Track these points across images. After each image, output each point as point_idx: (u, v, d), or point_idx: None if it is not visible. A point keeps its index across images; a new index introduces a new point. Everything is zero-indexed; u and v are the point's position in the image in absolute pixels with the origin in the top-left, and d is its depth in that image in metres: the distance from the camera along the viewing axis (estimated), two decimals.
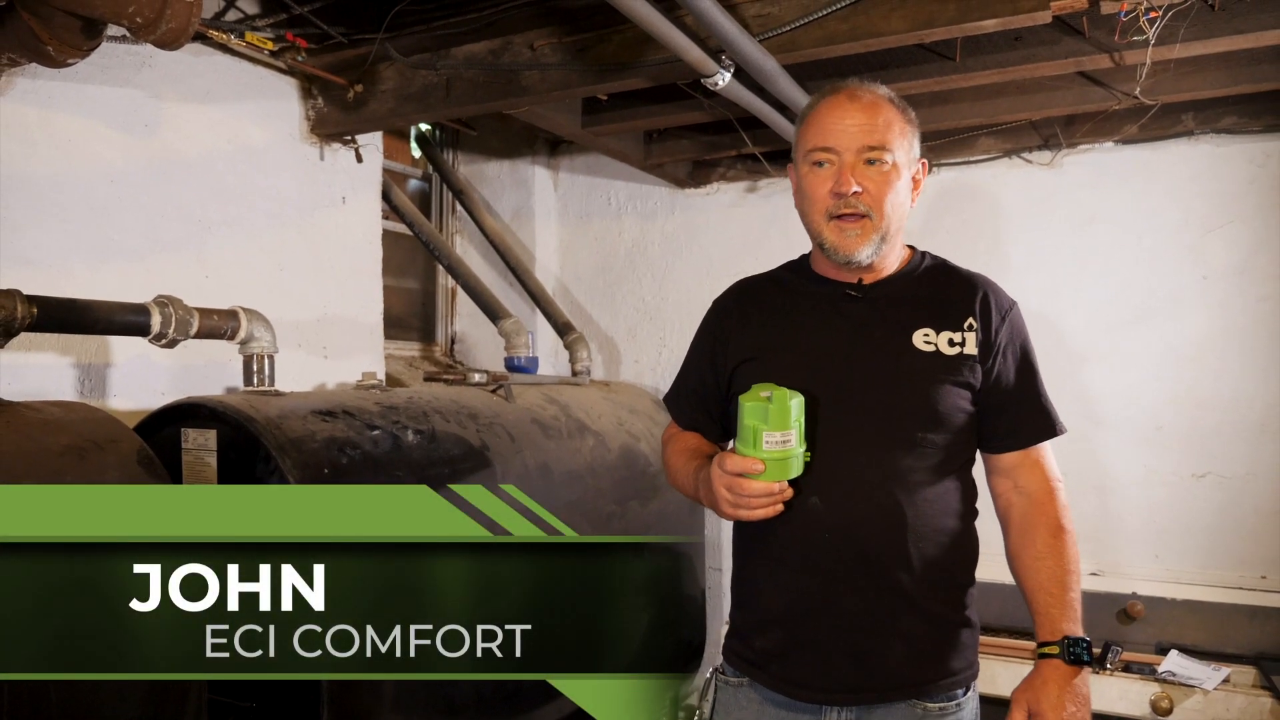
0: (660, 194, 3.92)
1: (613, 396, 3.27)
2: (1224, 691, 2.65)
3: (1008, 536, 1.58)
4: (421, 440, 2.20)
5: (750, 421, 1.37)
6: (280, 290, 2.80)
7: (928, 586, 1.49)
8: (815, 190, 1.52)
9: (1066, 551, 1.50)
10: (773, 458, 1.36)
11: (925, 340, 1.51)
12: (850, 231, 1.49)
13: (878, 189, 1.48)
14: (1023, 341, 1.57)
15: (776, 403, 1.36)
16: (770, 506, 1.41)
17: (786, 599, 1.53)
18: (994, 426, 1.55)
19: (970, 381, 1.51)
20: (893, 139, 1.49)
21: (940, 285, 1.58)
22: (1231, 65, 2.60)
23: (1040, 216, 3.28)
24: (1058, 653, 1.45)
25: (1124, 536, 3.16)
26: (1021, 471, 1.56)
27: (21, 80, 2.15)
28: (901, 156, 1.50)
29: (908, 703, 1.49)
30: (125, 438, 1.61)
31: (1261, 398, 3.00)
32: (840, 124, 1.49)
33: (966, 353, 1.51)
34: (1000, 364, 1.53)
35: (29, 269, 2.16)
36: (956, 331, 1.52)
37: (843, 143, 1.48)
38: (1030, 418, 1.56)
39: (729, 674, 1.63)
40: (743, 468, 1.38)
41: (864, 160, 1.48)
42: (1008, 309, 1.57)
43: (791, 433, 1.37)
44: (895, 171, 1.50)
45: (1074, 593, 1.48)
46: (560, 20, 2.48)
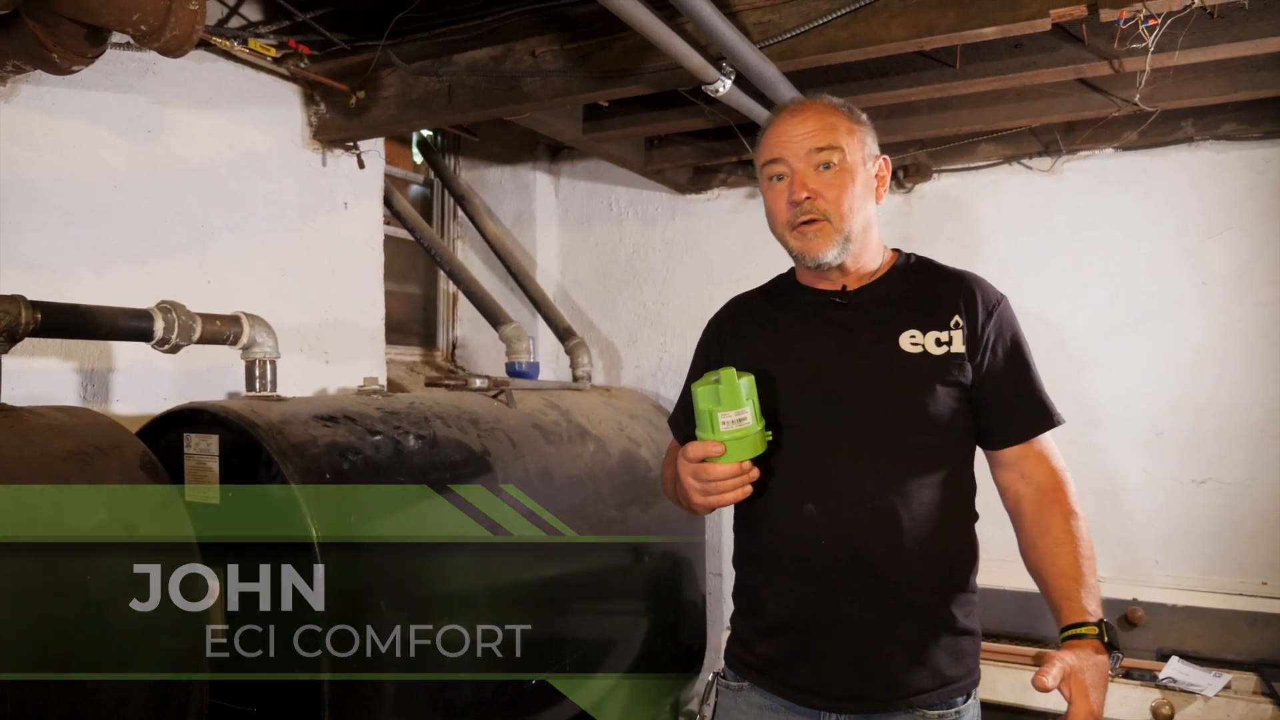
0: (661, 200, 3.93)
1: (613, 402, 3.28)
2: (1225, 698, 2.64)
3: (1020, 528, 1.55)
4: (423, 445, 2.20)
5: (704, 405, 1.39)
6: (282, 295, 2.81)
7: (927, 592, 1.49)
8: (775, 204, 1.55)
9: (1084, 537, 1.48)
10: (731, 437, 1.39)
11: (912, 342, 1.52)
12: (810, 234, 1.52)
13: (833, 192, 1.50)
14: (1013, 334, 1.56)
15: (726, 383, 1.38)
16: (738, 489, 1.42)
17: (786, 606, 1.53)
18: (991, 422, 1.55)
19: (960, 380, 1.51)
20: (839, 138, 1.51)
21: (925, 285, 1.59)
22: (1231, 72, 2.61)
23: (1041, 222, 3.28)
24: (1097, 633, 1.37)
25: (1124, 542, 3.16)
26: (1026, 464, 1.55)
27: (26, 86, 2.16)
28: (853, 155, 1.52)
29: (908, 712, 1.48)
30: (128, 443, 1.61)
31: (1261, 403, 3.01)
32: (788, 134, 1.53)
33: (954, 351, 1.51)
34: (990, 359, 1.53)
35: (33, 273, 2.17)
36: (943, 330, 1.52)
37: (790, 151, 1.52)
38: (1027, 410, 1.55)
39: (730, 678, 1.64)
40: (703, 452, 1.40)
41: (815, 165, 1.51)
42: (995, 303, 1.56)
43: (746, 410, 1.39)
44: (847, 171, 1.51)
45: (1095, 577, 1.45)
46: (562, 27, 2.50)
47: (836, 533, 1.47)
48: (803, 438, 1.51)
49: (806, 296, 1.62)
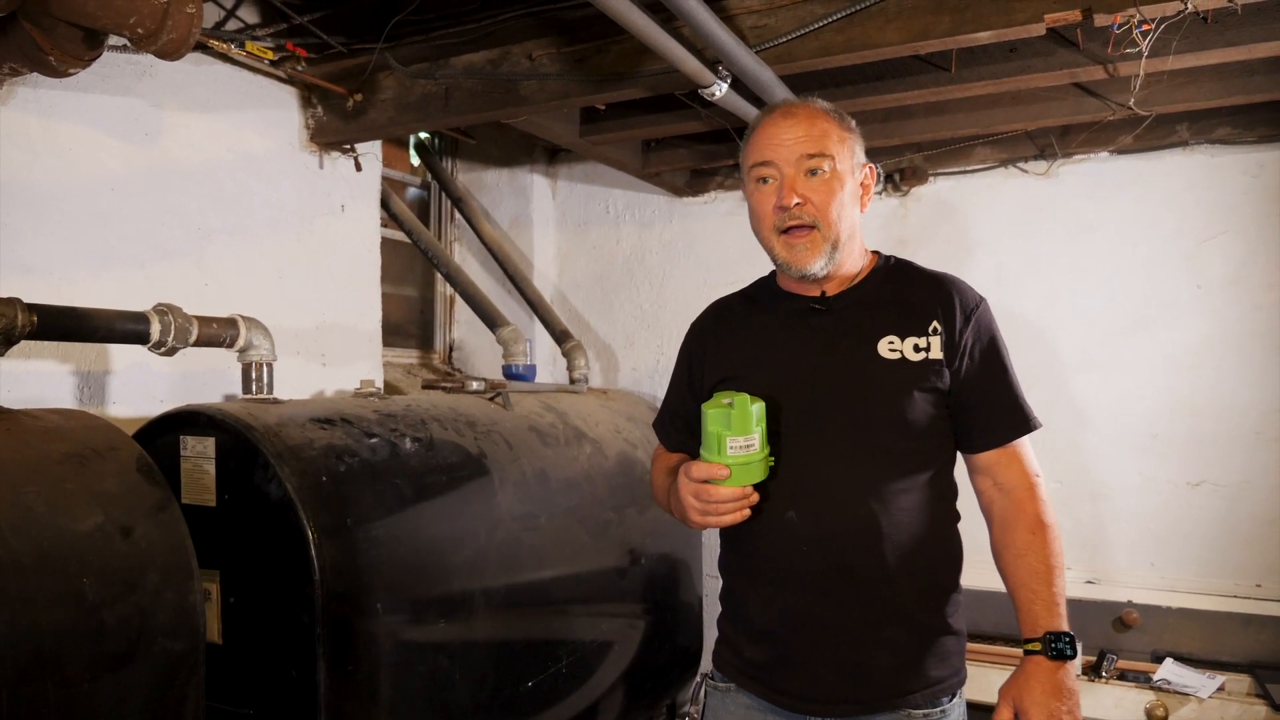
0: (658, 202, 3.94)
1: (610, 404, 3.28)
2: (1219, 700, 2.65)
3: (991, 533, 1.58)
4: (419, 448, 2.21)
5: (714, 428, 1.39)
6: (279, 298, 2.81)
7: (909, 595, 1.50)
8: (761, 207, 1.55)
9: (1047, 546, 1.50)
10: (737, 462, 1.39)
11: (890, 349, 1.53)
12: (799, 246, 1.52)
13: (821, 199, 1.51)
14: (990, 338, 1.56)
15: (738, 408, 1.38)
16: (738, 512, 1.43)
17: (771, 612, 1.55)
18: (968, 426, 1.56)
19: (938, 386, 1.52)
20: (830, 146, 1.52)
21: (903, 289, 1.59)
22: (1225, 77, 2.62)
23: (1036, 226, 3.29)
24: (1040, 649, 1.45)
25: (1120, 544, 3.17)
26: (999, 469, 1.56)
27: (23, 89, 2.16)
28: (843, 164, 1.53)
29: (894, 712, 1.50)
30: (124, 445, 1.61)
31: (1257, 406, 3.02)
32: (777, 138, 1.53)
33: (932, 357, 1.52)
34: (968, 364, 1.54)
35: (30, 276, 2.17)
36: (921, 336, 1.53)
37: (780, 155, 1.52)
38: (1004, 415, 1.56)
39: (718, 680, 1.65)
40: (708, 474, 1.40)
41: (805, 171, 1.51)
42: (973, 307, 1.57)
43: (754, 437, 1.39)
44: (837, 179, 1.52)
45: (1056, 587, 1.48)
46: (558, 31, 2.50)
47: (817, 539, 1.49)
48: (784, 445, 1.52)
49: (787, 303, 1.62)
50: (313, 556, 1.81)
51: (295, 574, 1.82)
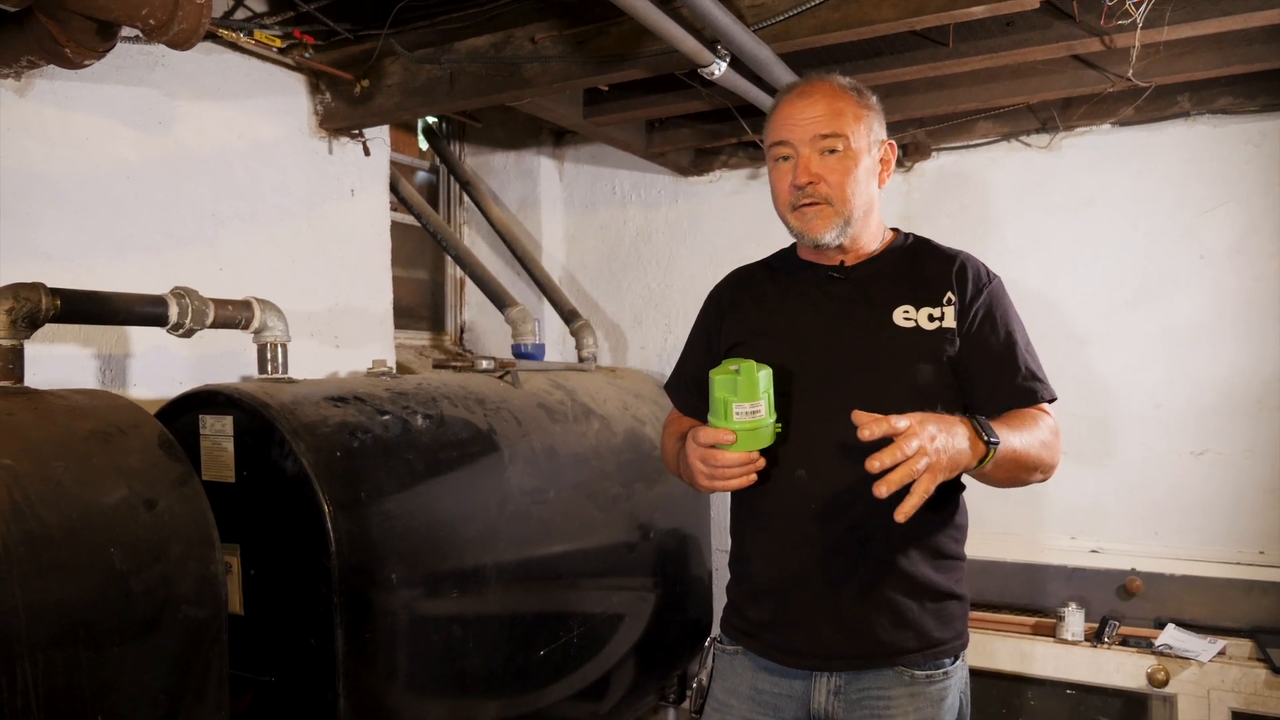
0: (664, 182, 3.97)
1: (618, 382, 3.33)
2: (1219, 663, 2.69)
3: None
4: (430, 424, 2.26)
5: (720, 394, 1.43)
6: (292, 282, 2.87)
7: (913, 558, 1.54)
8: (779, 185, 1.60)
9: (1040, 430, 1.49)
10: (743, 428, 1.42)
11: (905, 317, 1.57)
12: (810, 214, 1.57)
13: (836, 177, 1.55)
14: (1003, 312, 1.59)
15: (745, 375, 1.42)
16: (744, 476, 1.47)
17: (777, 570, 1.59)
18: (976, 394, 1.56)
19: (951, 354, 1.55)
20: (846, 125, 1.55)
21: (920, 263, 1.63)
22: (1224, 46, 2.62)
23: (1039, 199, 3.31)
24: (972, 421, 1.39)
25: (1124, 514, 3.20)
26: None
27: (40, 81, 2.22)
28: (859, 141, 1.56)
29: (895, 669, 1.54)
30: (147, 423, 1.67)
31: (1259, 375, 3.04)
32: (795, 118, 1.56)
33: (945, 326, 1.55)
34: (976, 331, 1.56)
35: (50, 264, 2.23)
36: (935, 307, 1.56)
37: (796, 135, 1.56)
38: (1011, 383, 1.55)
39: (725, 643, 1.70)
40: (715, 439, 1.43)
41: (820, 151, 1.55)
42: (986, 282, 1.60)
43: (761, 403, 1.42)
44: (852, 157, 1.55)
45: (1021, 437, 1.44)
46: (560, 14, 2.54)
47: (826, 497, 1.53)
48: (796, 406, 1.56)
49: (806, 272, 1.67)
50: (329, 529, 1.87)
51: (312, 546, 1.88)
